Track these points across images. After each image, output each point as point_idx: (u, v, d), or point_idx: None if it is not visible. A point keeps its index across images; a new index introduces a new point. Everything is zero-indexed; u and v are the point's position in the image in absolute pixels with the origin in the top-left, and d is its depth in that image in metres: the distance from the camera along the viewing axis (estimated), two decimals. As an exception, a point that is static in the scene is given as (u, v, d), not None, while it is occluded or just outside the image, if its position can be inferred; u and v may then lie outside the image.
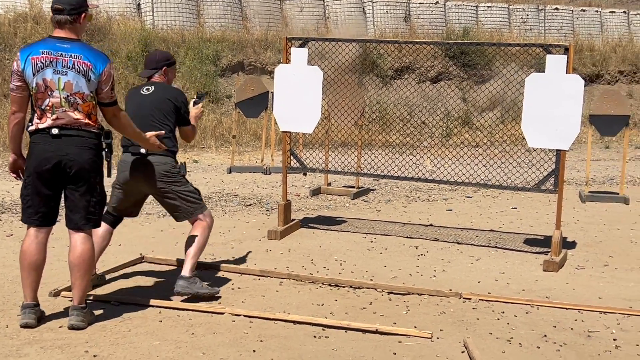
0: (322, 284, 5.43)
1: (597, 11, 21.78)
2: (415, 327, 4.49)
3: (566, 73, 6.13)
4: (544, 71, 6.24)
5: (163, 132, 4.85)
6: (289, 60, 7.00)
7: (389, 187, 10.29)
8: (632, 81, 19.92)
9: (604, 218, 8.42)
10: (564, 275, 5.93)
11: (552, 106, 6.18)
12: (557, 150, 6.37)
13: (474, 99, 16.04)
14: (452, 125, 15.59)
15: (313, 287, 5.34)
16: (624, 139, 10.11)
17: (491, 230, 7.62)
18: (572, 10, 21.47)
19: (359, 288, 5.32)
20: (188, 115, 5.22)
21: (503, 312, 4.86)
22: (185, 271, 4.94)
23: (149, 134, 4.70)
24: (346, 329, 4.41)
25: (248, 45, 16.10)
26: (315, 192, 9.53)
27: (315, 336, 4.29)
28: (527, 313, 4.87)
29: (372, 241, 6.94)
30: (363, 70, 15.77)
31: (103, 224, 4.90)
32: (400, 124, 14.41)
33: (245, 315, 4.57)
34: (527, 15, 20.50)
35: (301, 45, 7.06)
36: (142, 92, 5.11)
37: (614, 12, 22.23)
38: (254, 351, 4.02)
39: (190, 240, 5.04)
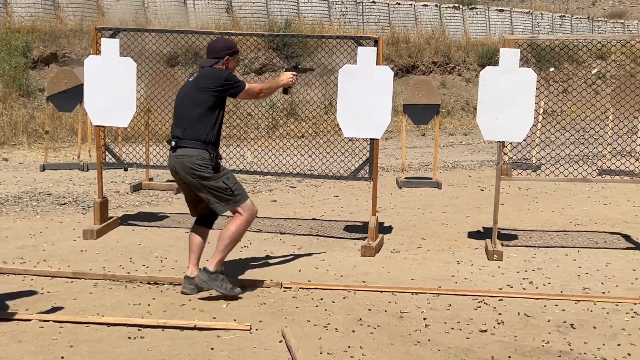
0: (141, 282, 5.28)
1: (411, 4, 22.83)
2: (234, 320, 4.47)
3: (376, 64, 6.33)
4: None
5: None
6: (100, 52, 6.72)
7: (213, 180, 10.19)
8: (444, 72, 21.09)
9: (418, 202, 8.84)
10: (380, 259, 6.15)
11: (364, 96, 6.38)
12: (371, 139, 6.59)
13: (298, 91, 16.30)
14: (277, 116, 15.75)
15: (130, 287, 5.18)
16: (436, 126, 10.66)
17: (313, 219, 7.77)
18: (389, 4, 22.36)
19: (179, 284, 5.22)
20: (234, 89, 4.94)
21: (322, 299, 4.96)
22: (210, 265, 4.82)
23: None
24: (163, 327, 4.30)
25: (61, 35, 15.36)
26: (136, 187, 9.26)
27: (130, 337, 4.15)
28: (344, 298, 5.00)
29: (194, 236, 6.84)
30: (186, 62, 15.53)
31: (197, 226, 5.09)
32: (225, 115, 14.37)
33: (54, 321, 4.34)
34: (346, 8, 21.11)
35: (112, 36, 6.80)
36: (190, 79, 5.03)
37: (427, 5, 23.41)
38: (62, 358, 3.82)
39: (223, 233, 4.90)
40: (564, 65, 17.80)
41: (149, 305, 4.77)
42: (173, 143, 4.87)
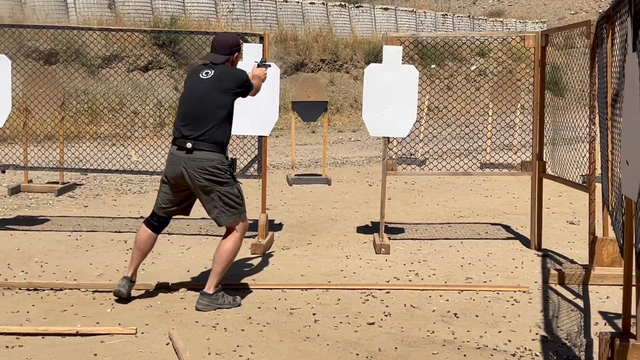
0: (19, 289, 5.05)
1: (298, 2, 22.95)
2: (119, 324, 4.35)
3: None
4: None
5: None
6: (-30, 48, 6.39)
7: (98, 180, 9.90)
8: (333, 69, 21.31)
9: (308, 199, 8.89)
10: (270, 257, 6.14)
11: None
12: (259, 136, 6.57)
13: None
14: (164, 114, 15.46)
15: (8, 294, 4.94)
16: (324, 123, 10.76)
17: (202, 218, 7.65)
18: (276, 1, 22.40)
19: (60, 290, 5.03)
20: (249, 89, 4.87)
21: (210, 299, 4.90)
22: (208, 288, 4.64)
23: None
24: (43, 334, 4.13)
25: None
26: (15, 190, 8.86)
27: (7, 346, 3.96)
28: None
29: (77, 239, 6.62)
30: (66, 59, 14.99)
31: (145, 228, 4.78)
32: (110, 114, 13.97)
33: None
34: (233, 5, 20.98)
35: (-16, 32, 6.48)
36: (201, 75, 4.73)
37: (314, 3, 23.60)
38: None
39: (218, 253, 4.69)
40: (447, 62, 18.35)
41: (28, 312, 4.57)
42: (189, 145, 4.58)
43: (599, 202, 5.68)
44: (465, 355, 3.94)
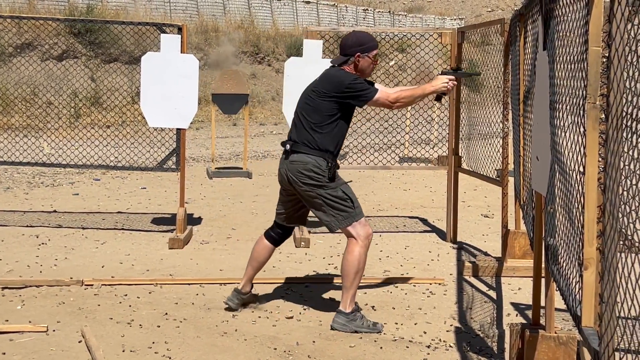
0: None
1: (220, -7, 22.71)
2: (30, 322, 4.21)
3: (181, 52, 6.22)
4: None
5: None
6: None
7: (9, 173, 9.59)
8: (255, 61, 21.21)
9: (228, 192, 8.83)
10: (189, 251, 6.07)
11: (170, 85, 6.25)
12: (178, 129, 6.47)
13: (103, 77, 15.69)
14: (80, 105, 15.07)
15: None
16: (245, 116, 10.69)
17: (119, 212, 7.52)
18: (196, -8, 22.12)
19: (-34, 287, 4.84)
20: (361, 97, 4.36)
21: (126, 295, 4.80)
22: (344, 306, 4.27)
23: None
24: (-53, 334, 3.97)
25: None
26: None
27: None
28: (150, 293, 4.87)
29: (-14, 234, 6.38)
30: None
31: (262, 238, 4.60)
32: (22, 104, 13.49)
33: None
34: (151, -6, 20.61)
35: None
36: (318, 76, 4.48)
37: (236, -6, 23.41)
38: None
39: (345, 269, 4.29)
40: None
41: None
42: (288, 147, 4.35)
43: (511, 196, 5.84)
44: (381, 348, 3.99)
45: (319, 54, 6.38)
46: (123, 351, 3.84)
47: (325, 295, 4.92)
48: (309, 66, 6.36)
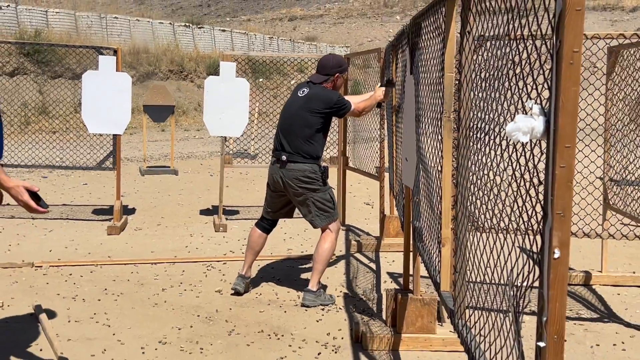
0: None
1: (149, 21, 22.06)
2: (-15, 300, 3.98)
3: (116, 71, 6.01)
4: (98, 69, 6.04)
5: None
6: None
7: (-35, 172, 8.96)
8: (180, 78, 20.73)
9: (158, 187, 8.60)
10: (124, 237, 5.87)
11: (107, 98, 6.03)
12: (114, 134, 6.25)
13: (50, 91, 14.94)
14: (29, 114, 14.31)
15: None
16: (172, 124, 10.45)
17: (64, 205, 7.19)
18: (129, 20, 21.39)
19: None
20: (342, 110, 4.25)
21: (71, 274, 4.61)
22: (312, 285, 4.15)
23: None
24: None
25: None
26: None
27: None
28: (91, 272, 4.70)
29: (-56, 225, 5.96)
30: None
31: (255, 229, 4.39)
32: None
33: None
34: (92, 21, 19.76)
35: None
36: (299, 93, 4.26)
37: (162, 22, 22.80)
38: None
39: (318, 253, 4.19)
40: (273, 76, 18.43)
41: None
42: (284, 157, 4.13)
43: (387, 188, 5.97)
44: (285, 312, 4.00)
45: (233, 74, 6.31)
46: (69, 322, 3.68)
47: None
48: (224, 84, 6.29)
